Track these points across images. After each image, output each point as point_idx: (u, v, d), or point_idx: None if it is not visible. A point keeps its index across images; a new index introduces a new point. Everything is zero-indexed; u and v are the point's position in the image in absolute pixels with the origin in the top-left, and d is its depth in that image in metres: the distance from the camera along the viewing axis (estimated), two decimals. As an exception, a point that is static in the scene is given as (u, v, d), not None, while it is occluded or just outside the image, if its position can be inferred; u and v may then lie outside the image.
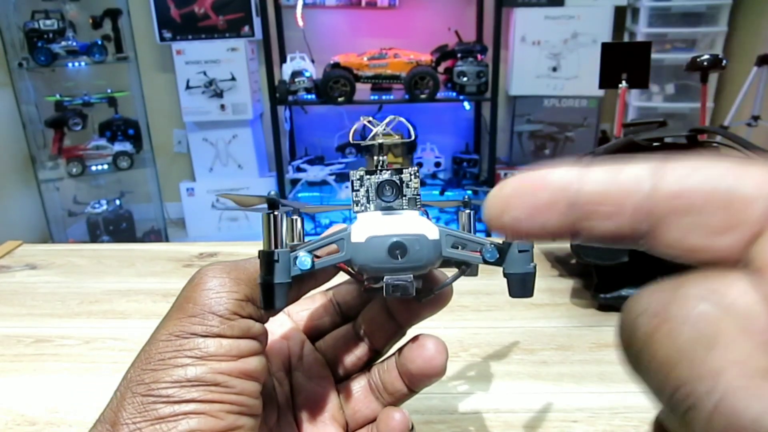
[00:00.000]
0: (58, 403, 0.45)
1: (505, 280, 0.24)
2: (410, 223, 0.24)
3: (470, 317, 0.55)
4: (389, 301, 0.29)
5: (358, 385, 0.30)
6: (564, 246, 0.68)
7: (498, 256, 0.24)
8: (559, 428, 0.42)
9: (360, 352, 0.30)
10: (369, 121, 0.28)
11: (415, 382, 0.28)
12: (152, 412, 0.21)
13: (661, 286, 0.15)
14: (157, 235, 2.79)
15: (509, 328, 0.53)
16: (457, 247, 0.25)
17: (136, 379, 0.22)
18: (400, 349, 0.29)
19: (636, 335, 0.13)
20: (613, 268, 0.54)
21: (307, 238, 0.28)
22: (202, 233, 2.80)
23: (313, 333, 0.31)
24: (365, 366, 0.30)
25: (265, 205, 0.24)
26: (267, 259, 0.23)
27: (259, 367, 0.24)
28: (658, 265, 0.56)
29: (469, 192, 2.74)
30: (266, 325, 0.30)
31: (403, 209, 0.26)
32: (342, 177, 2.68)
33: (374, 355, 0.30)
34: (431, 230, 0.24)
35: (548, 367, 0.48)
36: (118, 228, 2.68)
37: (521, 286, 0.24)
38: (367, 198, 0.26)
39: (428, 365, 0.27)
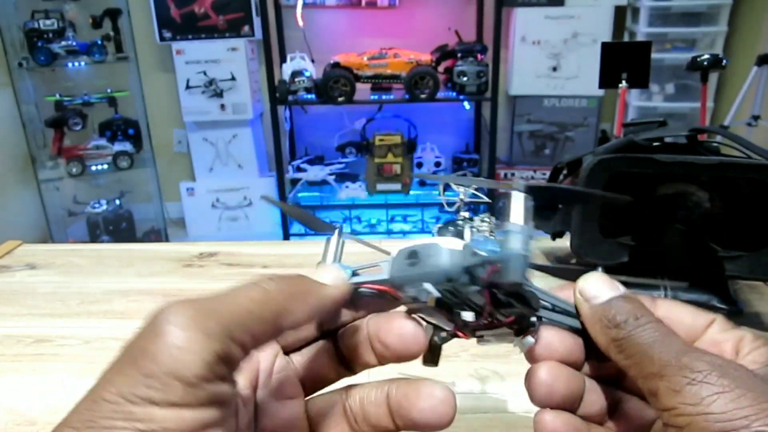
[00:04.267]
0: (58, 403, 0.45)
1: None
2: (437, 239, 0.26)
3: (470, 317, 0.55)
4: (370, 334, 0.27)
5: (331, 409, 0.27)
6: (564, 245, 0.68)
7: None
8: (559, 428, 0.42)
9: (340, 370, 0.28)
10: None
11: (414, 429, 0.26)
12: None
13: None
14: (157, 235, 2.79)
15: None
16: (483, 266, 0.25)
17: None
18: (401, 388, 0.26)
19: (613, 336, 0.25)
20: (613, 268, 0.54)
21: (306, 238, 0.28)
22: (202, 233, 2.80)
23: (289, 345, 0.28)
24: (337, 380, 0.28)
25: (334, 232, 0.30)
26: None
27: None
28: (658, 265, 0.57)
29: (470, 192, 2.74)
30: None
31: None
32: (342, 177, 2.68)
33: (350, 374, 0.28)
34: (453, 243, 0.26)
35: (548, 367, 0.48)
36: (118, 228, 2.68)
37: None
38: None
39: (435, 416, 0.25)
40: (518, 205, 0.25)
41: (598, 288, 0.26)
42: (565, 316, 0.28)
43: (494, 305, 0.26)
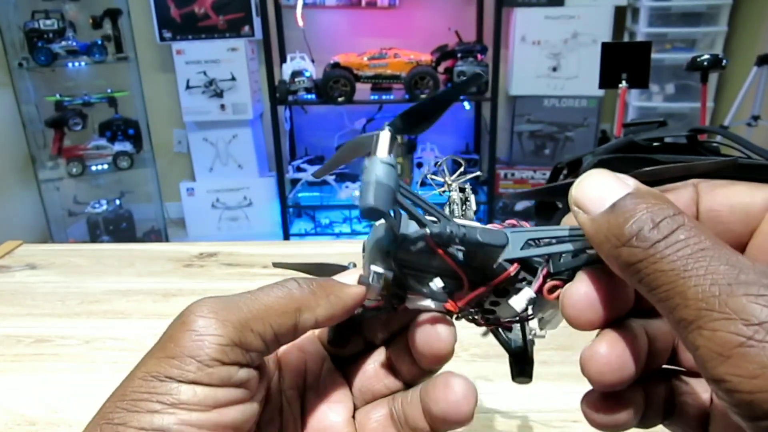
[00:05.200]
0: (58, 403, 0.45)
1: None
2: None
3: (470, 317, 0.55)
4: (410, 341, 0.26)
5: (378, 414, 0.27)
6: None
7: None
8: (559, 428, 0.42)
9: (390, 383, 0.27)
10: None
11: (437, 424, 0.25)
12: None
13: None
14: (157, 235, 2.79)
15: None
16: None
17: (107, 416, 0.21)
18: (425, 382, 0.26)
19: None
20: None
21: (307, 238, 0.28)
22: (202, 233, 2.80)
23: (336, 354, 0.29)
24: (389, 395, 0.28)
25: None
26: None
27: (240, 418, 0.22)
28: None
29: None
30: None
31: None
32: (342, 177, 2.68)
33: (403, 388, 0.28)
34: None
35: (548, 367, 0.48)
36: (118, 228, 2.68)
37: None
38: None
39: (452, 409, 0.24)
40: (384, 139, 0.23)
41: (597, 190, 0.19)
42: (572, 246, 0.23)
43: (459, 266, 0.23)
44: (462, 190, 0.29)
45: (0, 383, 0.48)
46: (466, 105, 2.66)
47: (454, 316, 0.26)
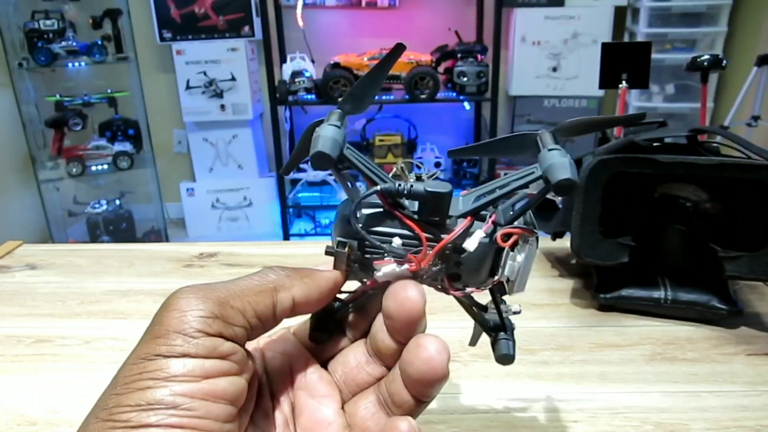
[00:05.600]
0: (58, 403, 0.45)
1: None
2: None
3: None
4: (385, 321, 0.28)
5: (367, 401, 0.28)
6: (564, 246, 0.68)
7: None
8: (559, 428, 0.42)
9: (372, 369, 0.28)
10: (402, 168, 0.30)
11: (418, 389, 0.26)
12: None
13: None
14: (157, 235, 2.79)
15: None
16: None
17: (101, 404, 0.22)
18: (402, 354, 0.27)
19: None
20: (613, 269, 0.54)
21: (307, 238, 0.29)
22: (202, 233, 2.80)
23: (318, 351, 0.30)
24: (374, 383, 0.29)
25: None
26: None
27: (230, 389, 0.23)
28: (658, 265, 0.57)
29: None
30: (271, 346, 0.29)
31: None
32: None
33: (386, 373, 0.29)
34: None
35: (548, 367, 0.48)
36: (118, 228, 2.68)
37: (561, 169, 0.24)
38: None
39: (427, 366, 0.25)
40: (333, 114, 0.26)
41: None
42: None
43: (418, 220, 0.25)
44: (418, 178, 0.30)
45: (0, 383, 0.48)
46: (466, 105, 2.66)
47: (420, 279, 0.27)
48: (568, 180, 0.23)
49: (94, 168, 2.56)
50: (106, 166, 2.57)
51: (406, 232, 0.26)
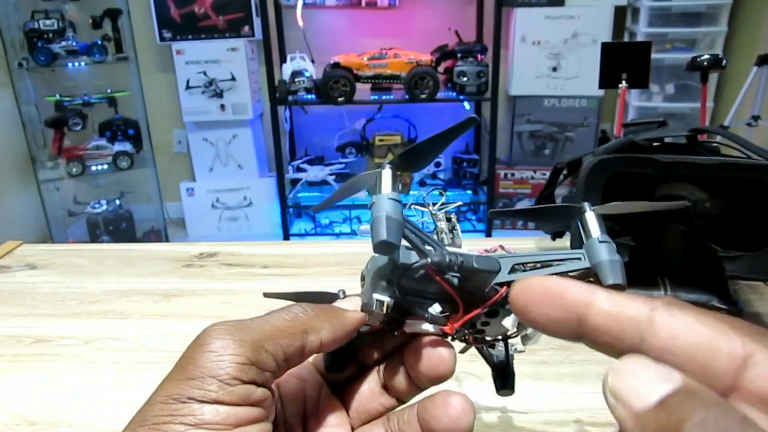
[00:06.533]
0: (58, 403, 0.45)
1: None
2: None
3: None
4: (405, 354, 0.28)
5: None
6: (564, 245, 0.68)
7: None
8: (560, 428, 0.42)
9: (385, 400, 0.29)
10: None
11: None
12: None
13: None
14: (157, 235, 2.79)
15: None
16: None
17: None
18: (422, 402, 0.27)
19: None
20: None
21: (307, 238, 0.29)
22: (202, 233, 2.80)
23: (330, 378, 0.30)
24: (385, 413, 0.29)
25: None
26: None
27: None
28: (658, 265, 0.56)
29: (469, 192, 2.74)
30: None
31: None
32: (342, 177, 2.68)
33: (397, 404, 0.29)
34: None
35: (548, 367, 0.48)
36: (118, 228, 2.68)
37: (612, 271, 0.24)
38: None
39: (454, 425, 0.25)
40: (387, 176, 0.25)
41: (639, 380, 0.17)
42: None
43: (456, 290, 0.25)
44: (448, 219, 0.32)
45: (0, 383, 0.48)
46: (466, 105, 2.66)
47: (450, 337, 0.28)
48: (619, 285, 0.23)
49: (94, 168, 2.56)
50: (106, 166, 2.57)
51: (444, 295, 0.26)
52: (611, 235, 0.26)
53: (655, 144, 0.57)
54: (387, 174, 0.25)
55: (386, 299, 0.26)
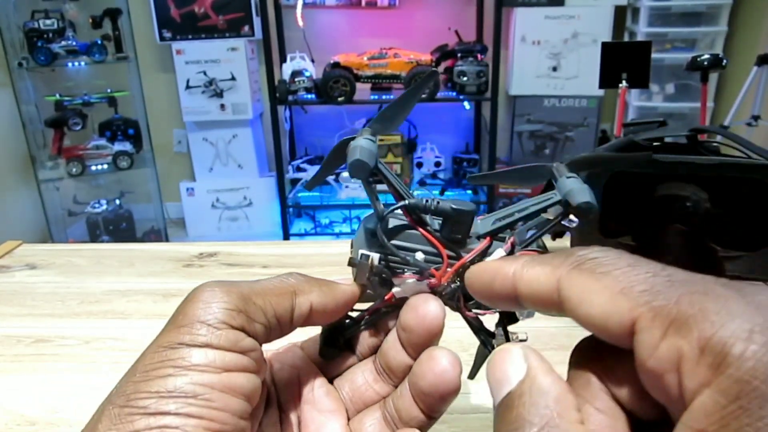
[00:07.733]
0: (58, 403, 0.45)
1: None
2: None
3: (470, 317, 0.55)
4: (399, 335, 0.28)
5: (372, 418, 0.28)
6: (564, 245, 0.68)
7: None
8: (559, 428, 0.41)
9: (380, 388, 0.29)
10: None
11: (429, 403, 0.26)
12: (127, 424, 0.20)
13: None
14: (157, 235, 2.79)
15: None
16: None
17: (118, 391, 0.22)
18: (412, 368, 0.27)
19: None
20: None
21: (307, 238, 0.29)
22: (202, 233, 2.80)
23: (325, 368, 0.30)
24: (379, 401, 0.29)
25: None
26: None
27: (247, 385, 0.23)
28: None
29: (470, 192, 2.74)
30: (279, 358, 0.29)
31: None
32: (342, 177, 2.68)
33: (394, 389, 0.29)
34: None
35: (548, 367, 0.48)
36: (118, 228, 2.68)
37: (580, 193, 0.25)
38: None
39: (440, 379, 0.25)
40: (365, 131, 0.27)
41: (498, 376, 0.20)
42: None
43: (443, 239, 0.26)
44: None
45: (0, 383, 0.48)
46: (466, 105, 2.66)
47: (438, 296, 0.27)
48: (588, 203, 0.24)
49: (94, 168, 2.56)
50: (106, 166, 2.57)
51: (428, 248, 0.27)
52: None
53: (655, 144, 0.57)
54: (366, 130, 0.27)
55: (372, 254, 0.27)
